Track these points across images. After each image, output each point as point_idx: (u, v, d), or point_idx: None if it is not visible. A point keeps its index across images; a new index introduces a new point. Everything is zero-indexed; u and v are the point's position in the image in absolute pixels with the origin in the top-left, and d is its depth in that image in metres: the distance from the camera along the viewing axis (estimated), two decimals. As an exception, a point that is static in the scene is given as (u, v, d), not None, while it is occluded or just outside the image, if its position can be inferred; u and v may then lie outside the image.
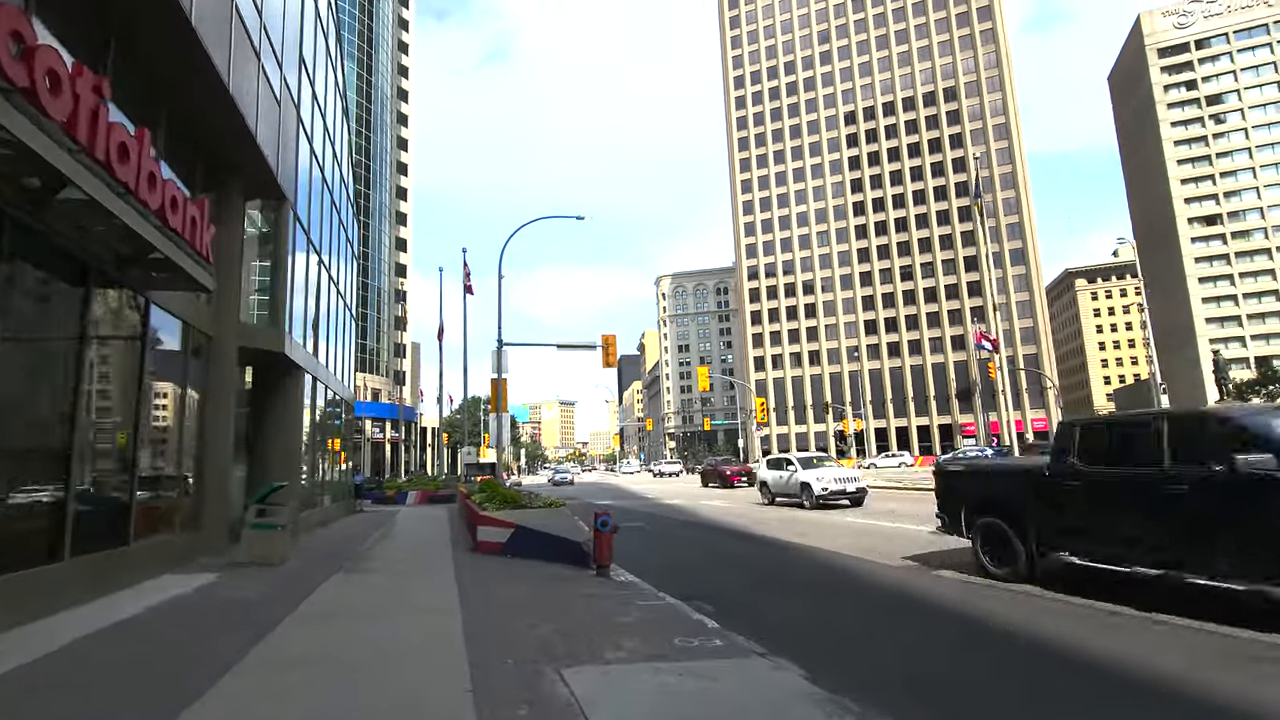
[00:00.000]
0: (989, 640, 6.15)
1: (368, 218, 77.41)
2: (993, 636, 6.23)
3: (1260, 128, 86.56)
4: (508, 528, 11.72)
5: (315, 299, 17.03)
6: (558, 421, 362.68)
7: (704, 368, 39.13)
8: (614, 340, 26.35)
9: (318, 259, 17.10)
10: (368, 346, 77.19)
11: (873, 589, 8.63)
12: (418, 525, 18.69)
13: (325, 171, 17.84)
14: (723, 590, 8.77)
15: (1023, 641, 5.96)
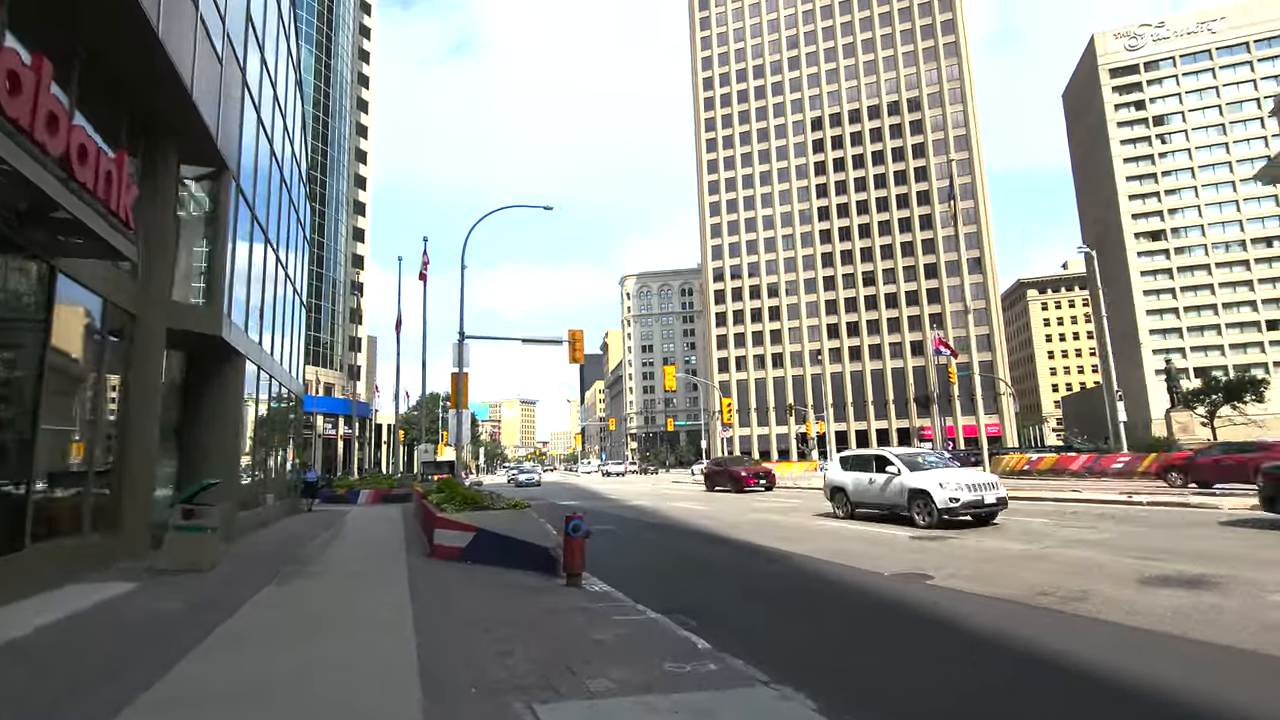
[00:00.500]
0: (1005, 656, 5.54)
1: (324, 205, 74.71)
2: (1011, 653, 5.62)
3: (1202, 149, 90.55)
4: (468, 531, 10.76)
5: (261, 282, 15.73)
6: (518, 420, 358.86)
7: (670, 367, 38.52)
8: (580, 335, 25.44)
9: (264, 238, 15.79)
10: (321, 339, 74.45)
11: (869, 601, 8.00)
12: (369, 526, 17.50)
13: (275, 145, 16.53)
14: (707, 602, 8.02)
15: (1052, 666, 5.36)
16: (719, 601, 8.24)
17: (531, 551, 9.89)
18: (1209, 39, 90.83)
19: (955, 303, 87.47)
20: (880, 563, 9.95)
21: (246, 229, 14.37)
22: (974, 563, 9.61)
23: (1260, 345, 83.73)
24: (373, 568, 10.31)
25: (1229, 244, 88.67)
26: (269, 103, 15.93)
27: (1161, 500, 15.43)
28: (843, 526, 14.64)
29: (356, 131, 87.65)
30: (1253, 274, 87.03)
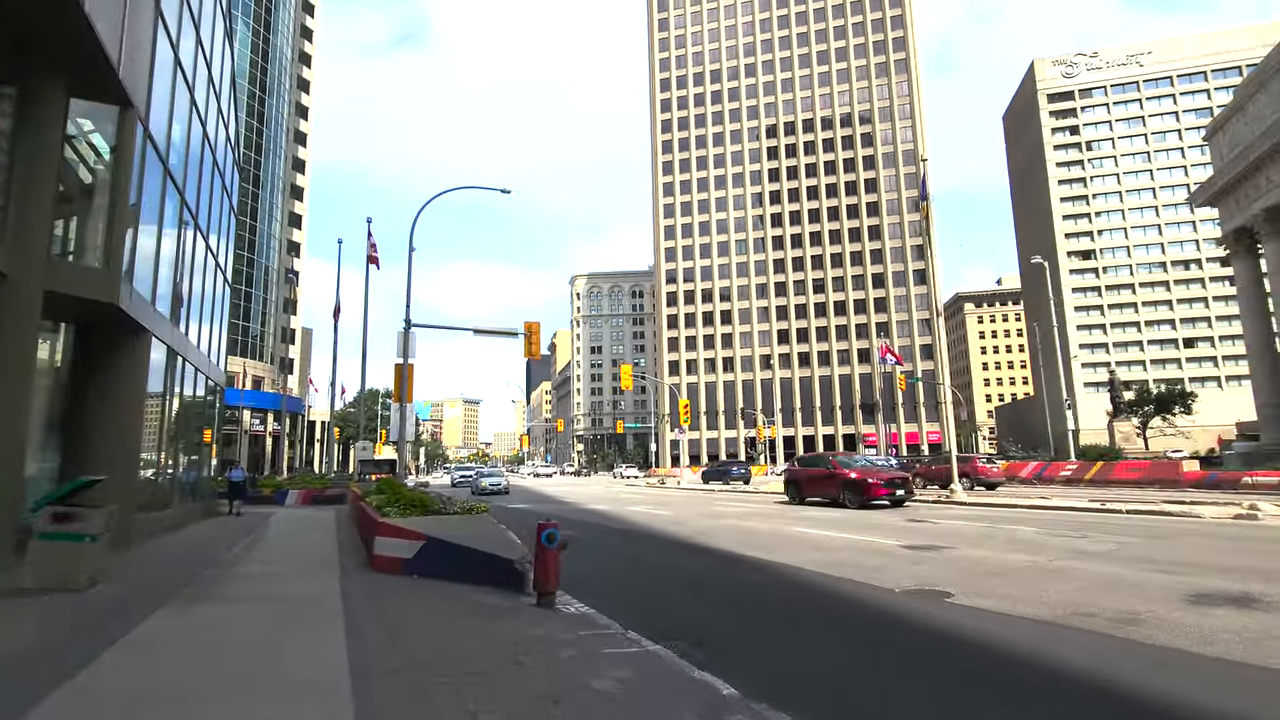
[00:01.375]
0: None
1: (258, 188, 70.39)
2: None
3: (1129, 174, 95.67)
4: (415, 539, 9.20)
5: (177, 251, 13.64)
6: (460, 420, 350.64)
7: (627, 366, 37.28)
8: (537, 328, 23.91)
9: (180, 199, 13.71)
10: (251, 329, 70.01)
11: (892, 623, 6.90)
12: (297, 531, 15.54)
13: (195, 95, 14.43)
14: (704, 625, 6.79)
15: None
16: (717, 624, 7.02)
17: (493, 565, 8.43)
18: (1138, 71, 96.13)
19: (900, 312, 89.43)
20: (880, 576, 8.92)
21: (158, 185, 12.34)
22: (986, 577, 8.69)
23: (1178, 362, 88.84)
24: (299, 586, 8.62)
25: (1151, 265, 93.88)
26: (191, 46, 13.88)
27: (1141, 509, 15.10)
28: (822, 535, 13.66)
29: (296, 112, 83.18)
30: (1172, 294, 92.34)
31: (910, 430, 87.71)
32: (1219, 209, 42.57)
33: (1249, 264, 40.73)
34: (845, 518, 16.87)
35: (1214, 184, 41.60)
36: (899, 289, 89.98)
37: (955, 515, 16.50)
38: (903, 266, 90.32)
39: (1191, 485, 27.16)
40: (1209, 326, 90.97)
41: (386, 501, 11.26)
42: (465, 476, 52.64)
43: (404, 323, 21.51)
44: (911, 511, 18.26)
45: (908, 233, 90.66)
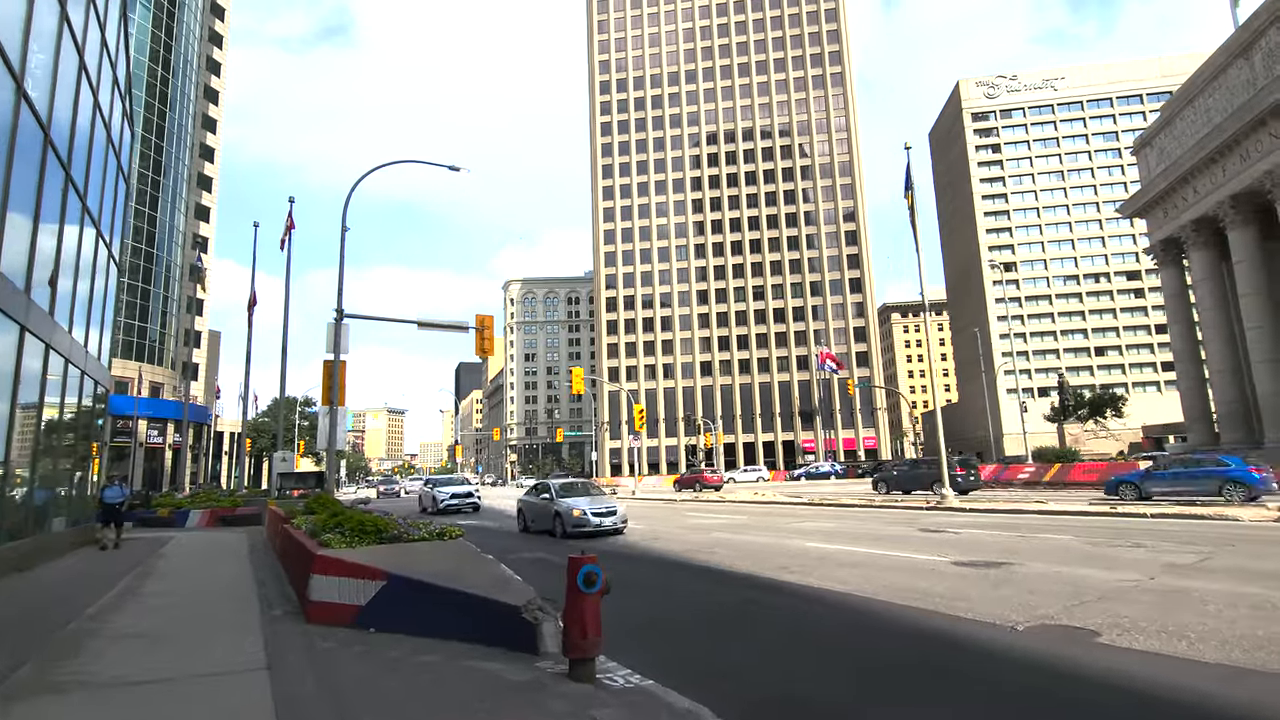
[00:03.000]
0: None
1: (159, 174, 63.90)
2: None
3: (1045, 192, 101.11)
4: (372, 579, 6.71)
5: (37, 202, 10.49)
6: (384, 431, 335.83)
7: (579, 369, 34.90)
8: (490, 322, 21.31)
9: (46, 140, 10.59)
10: (150, 331, 63.30)
11: (1053, 684, 5.07)
12: (198, 564, 12.45)
13: (70, 9, 11.32)
14: (825, 700, 4.74)
15: None
16: (833, 692, 4.96)
17: (487, 613, 6.08)
18: (1052, 95, 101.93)
19: (837, 320, 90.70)
20: (970, 605, 7.16)
21: (8, 113, 9.29)
22: (1101, 604, 7.05)
23: (1090, 369, 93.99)
24: (199, 658, 5.96)
25: (1065, 278, 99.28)
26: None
27: (1166, 513, 14.11)
28: (840, 550, 11.85)
29: (205, 95, 76.47)
30: (1084, 305, 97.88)
31: (847, 436, 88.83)
32: (1148, 220, 44.42)
33: (1176, 273, 42.60)
34: (846, 529, 15.20)
35: (1143, 196, 43.36)
36: (835, 296, 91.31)
37: (967, 523, 15.15)
38: (839, 275, 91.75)
39: (1149, 486, 27.32)
40: (1117, 336, 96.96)
41: (324, 525, 8.63)
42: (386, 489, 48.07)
43: (335, 313, 18.55)
44: (911, 518, 16.85)
45: (843, 242, 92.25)
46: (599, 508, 15.91)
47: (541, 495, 17.68)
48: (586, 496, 16.99)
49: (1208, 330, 39.54)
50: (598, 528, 15.57)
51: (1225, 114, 35.68)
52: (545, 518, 16.78)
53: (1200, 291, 39.81)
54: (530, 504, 18.08)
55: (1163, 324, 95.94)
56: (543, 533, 16.84)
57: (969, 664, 5.51)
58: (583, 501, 16.19)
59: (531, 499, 18.21)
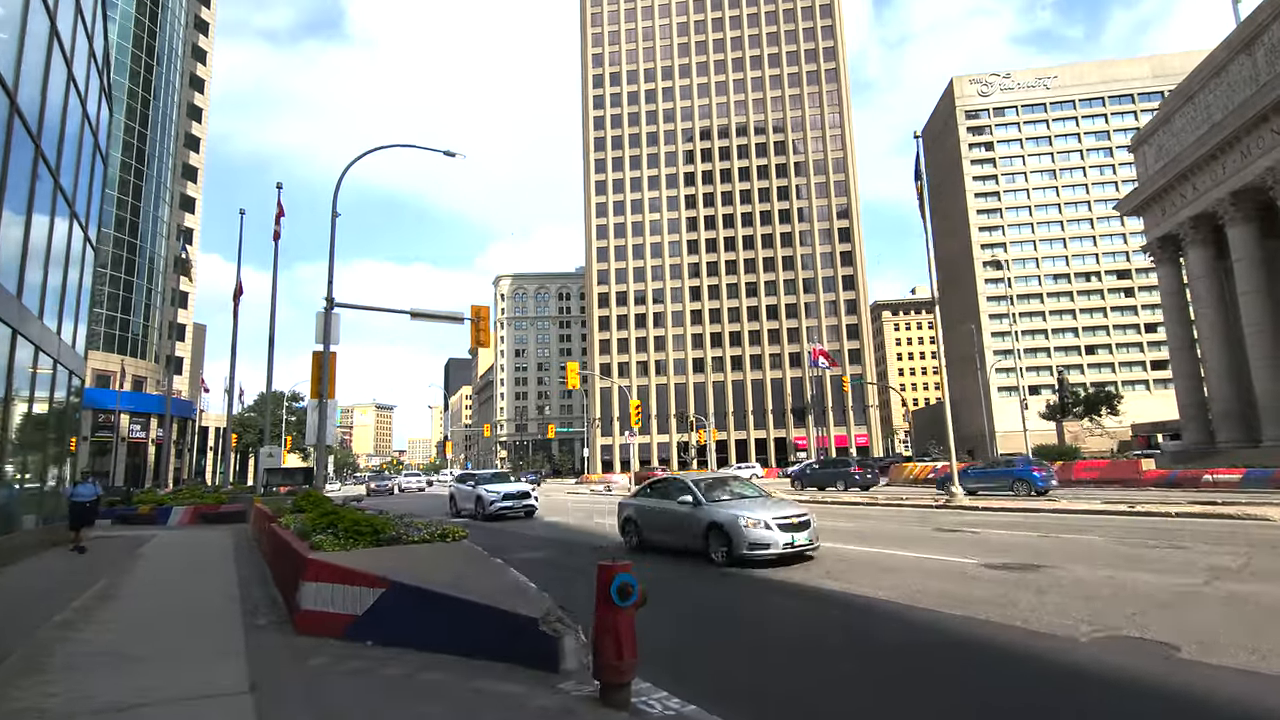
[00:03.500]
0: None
1: (143, 164, 62.49)
2: None
3: (1038, 190, 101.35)
4: (369, 586, 6.05)
5: (2, 175, 9.69)
6: (372, 428, 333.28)
7: (574, 364, 34.27)
8: (486, 313, 20.63)
9: (9, 104, 9.78)
10: (133, 323, 61.95)
11: (1140, 704, 4.52)
12: (179, 567, 11.71)
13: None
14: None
15: None
16: None
17: (499, 625, 5.44)
18: (1045, 93, 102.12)
19: (829, 317, 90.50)
20: (1023, 614, 6.62)
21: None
22: (1161, 612, 6.54)
23: (1080, 368, 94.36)
24: (176, 678, 5.28)
25: (1057, 276, 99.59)
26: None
27: (1189, 512, 13.68)
28: (859, 551, 11.29)
29: (191, 84, 74.97)
30: (1075, 304, 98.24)
31: (839, 433, 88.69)
32: (1145, 218, 44.25)
33: (1173, 271, 42.44)
34: (865, 530, 14.66)
35: (1141, 193, 43.17)
36: (828, 294, 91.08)
37: (981, 522, 14.65)
38: (832, 271, 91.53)
39: (1152, 484, 27.08)
40: (1107, 335, 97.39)
41: (313, 524, 7.94)
42: (379, 485, 45.30)
43: (325, 302, 17.79)
44: (923, 517, 16.35)
45: (836, 239, 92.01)
46: (786, 516, 10.16)
47: (681, 499, 11.18)
48: (743, 500, 11.06)
49: (1204, 328, 39.41)
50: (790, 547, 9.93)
51: (1225, 110, 35.46)
52: (671, 527, 11.38)
53: (1197, 289, 39.67)
54: (650, 508, 12.15)
55: (1152, 323, 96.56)
56: (680, 552, 11.31)
57: (1039, 680, 4.94)
58: (757, 510, 10.28)
59: (650, 501, 12.28)
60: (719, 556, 10.19)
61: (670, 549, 11.44)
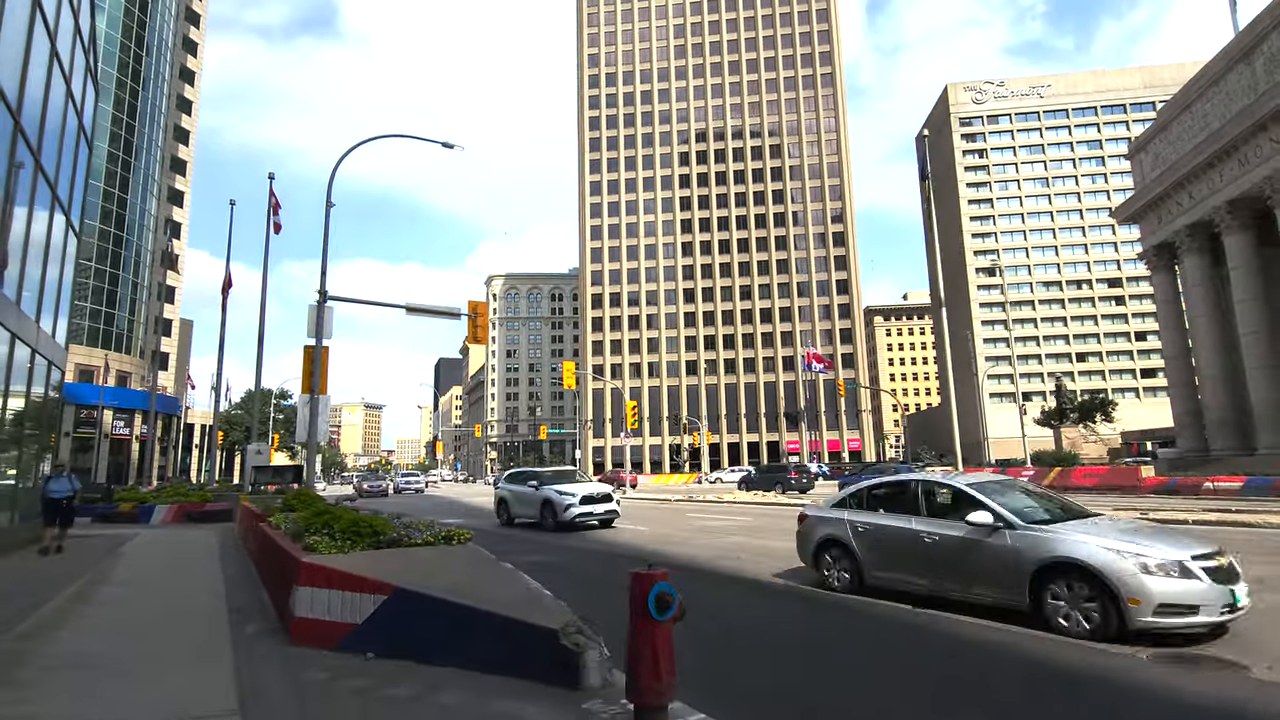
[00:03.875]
0: None
1: (131, 156, 61.46)
2: None
3: (1030, 198, 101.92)
4: (372, 592, 5.56)
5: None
6: (360, 427, 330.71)
7: (570, 364, 33.79)
8: (485, 309, 20.15)
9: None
10: (118, 318, 60.91)
11: None
12: (162, 568, 11.13)
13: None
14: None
15: None
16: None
17: (515, 636, 4.98)
18: (1038, 102, 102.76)
19: (823, 321, 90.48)
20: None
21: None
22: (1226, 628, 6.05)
23: (1071, 375, 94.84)
24: (149, 700, 4.77)
25: (1048, 284, 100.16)
26: None
27: (1206, 519, 13.38)
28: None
29: (181, 76, 74.00)
30: (1066, 312, 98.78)
31: (832, 438, 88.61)
32: (1141, 225, 44.31)
33: (1168, 279, 42.51)
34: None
35: (1137, 200, 43.23)
36: (822, 298, 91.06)
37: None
38: (826, 275, 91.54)
39: (1152, 491, 26.95)
40: (1098, 342, 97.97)
41: (307, 524, 7.43)
42: (371, 486, 43.06)
43: (318, 294, 17.22)
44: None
45: (830, 243, 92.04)
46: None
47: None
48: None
49: (1199, 336, 39.46)
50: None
51: (1223, 119, 35.54)
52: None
53: (1193, 297, 39.73)
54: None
55: (1142, 331, 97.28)
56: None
57: (1119, 699, 4.52)
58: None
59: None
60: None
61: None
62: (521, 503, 18.54)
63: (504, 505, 19.51)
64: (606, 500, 17.16)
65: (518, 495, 18.87)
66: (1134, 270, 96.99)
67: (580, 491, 17.00)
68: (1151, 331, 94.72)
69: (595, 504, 16.87)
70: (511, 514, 19.02)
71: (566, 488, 17.36)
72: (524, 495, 18.47)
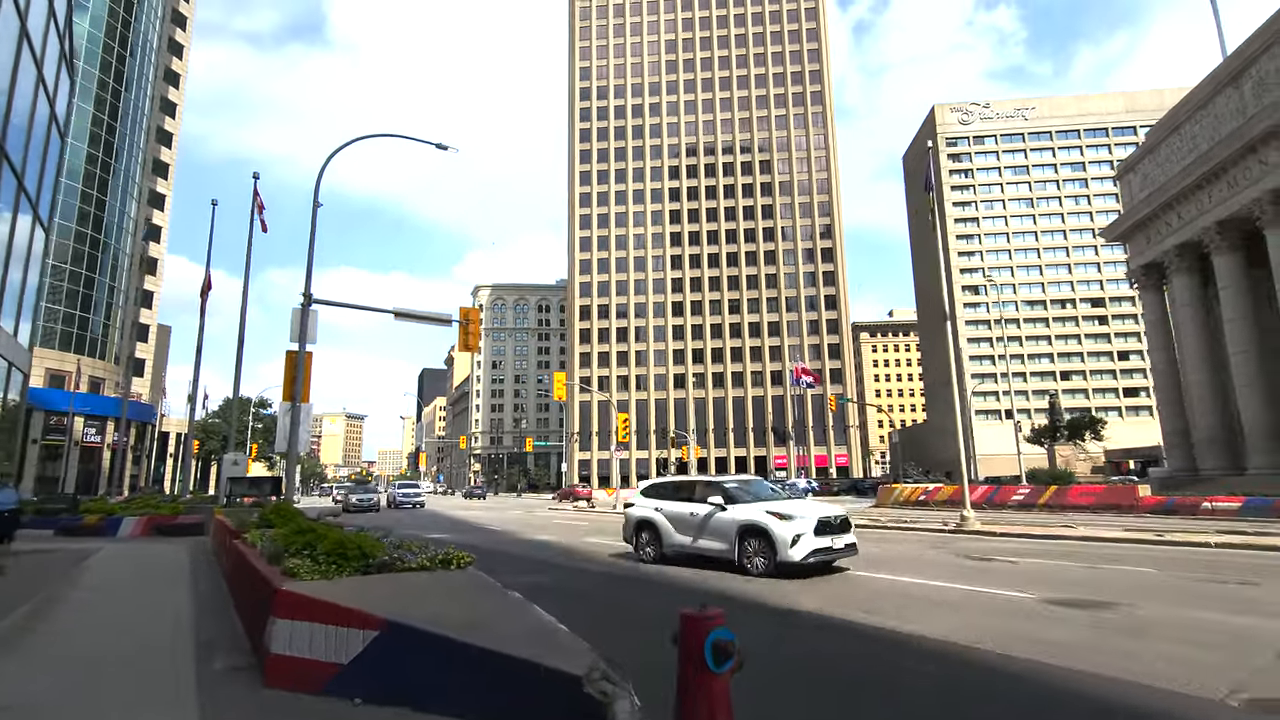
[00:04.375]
0: None
1: (111, 157, 60.11)
2: None
3: (1015, 218, 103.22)
4: (361, 626, 4.84)
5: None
6: (341, 437, 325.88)
7: (561, 374, 33.09)
8: (477, 316, 19.44)
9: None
10: (93, 322, 59.19)
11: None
12: (124, 588, 10.24)
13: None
14: None
15: None
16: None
17: (528, 684, 4.27)
18: (1023, 124, 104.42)
19: (811, 336, 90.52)
20: (1101, 661, 5.64)
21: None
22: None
23: (1055, 393, 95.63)
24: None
25: (1033, 303, 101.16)
26: None
27: (1232, 542, 12.94)
28: (903, 581, 10.27)
29: (165, 78, 72.87)
30: (1051, 331, 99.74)
31: (819, 453, 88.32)
32: (1129, 245, 44.62)
33: (1156, 298, 42.74)
34: (892, 556, 13.65)
35: (1126, 220, 43.54)
36: (810, 313, 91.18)
37: (1007, 550, 13.77)
38: (814, 291, 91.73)
39: (1150, 511, 26.67)
40: (1082, 361, 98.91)
41: (286, 543, 6.67)
42: (361, 499, 36.34)
43: (303, 297, 16.44)
44: (942, 542, 15.44)
45: (819, 259, 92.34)
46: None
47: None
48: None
49: (1187, 356, 39.58)
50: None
51: (1212, 142, 35.89)
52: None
53: (1181, 316, 39.92)
54: None
55: (1124, 351, 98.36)
56: None
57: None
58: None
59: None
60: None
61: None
62: (688, 528, 12.29)
63: (648, 531, 13.09)
64: (845, 528, 11.30)
65: (678, 517, 12.56)
66: (1117, 290, 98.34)
67: (812, 513, 11.03)
68: (1134, 351, 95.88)
69: (835, 533, 11.00)
70: (664, 543, 12.71)
71: (782, 506, 11.26)
72: (695, 518, 12.18)
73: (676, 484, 13.75)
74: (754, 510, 11.26)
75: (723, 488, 12.20)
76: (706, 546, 11.90)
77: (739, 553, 11.18)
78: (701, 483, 12.88)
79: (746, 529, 11.13)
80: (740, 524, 11.23)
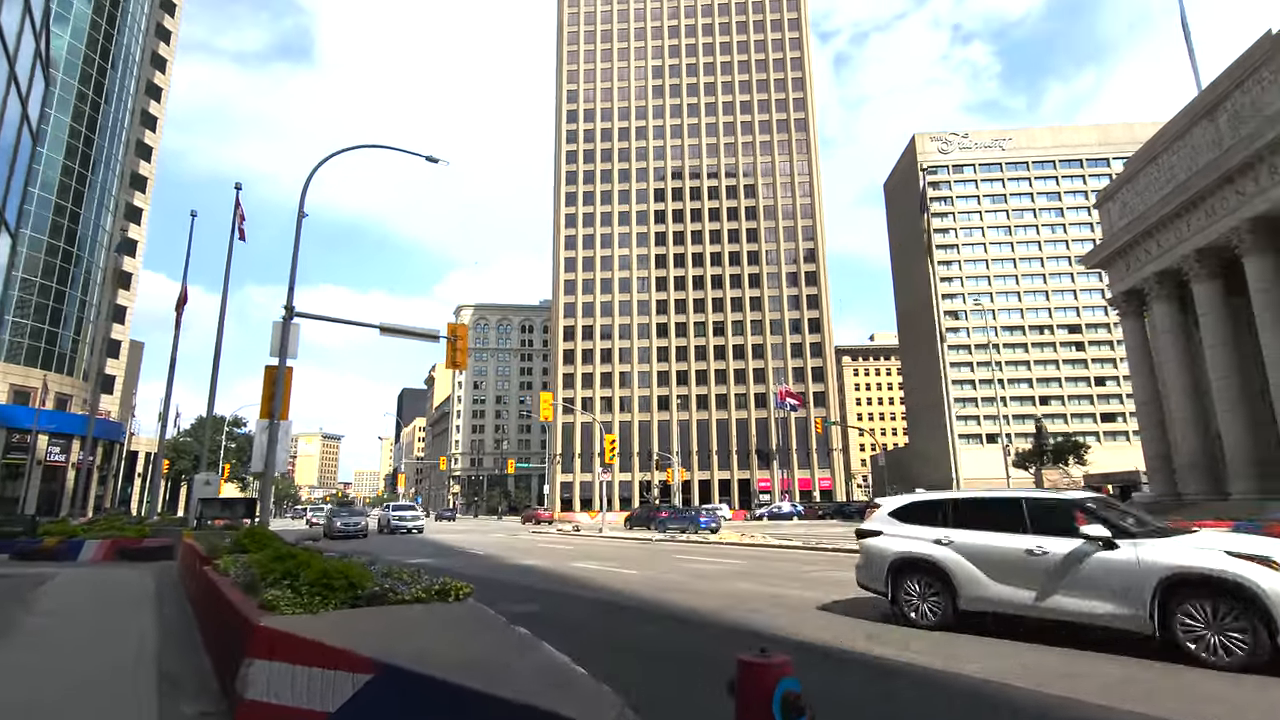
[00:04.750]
0: None
1: (87, 169, 58.98)
2: None
3: (994, 245, 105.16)
4: (351, 669, 4.27)
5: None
6: (317, 458, 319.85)
7: (547, 394, 32.48)
8: (465, 332, 18.90)
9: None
10: (62, 337, 57.49)
11: None
12: (81, 618, 9.45)
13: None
14: None
15: None
16: None
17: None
18: (1000, 154, 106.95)
19: (795, 359, 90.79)
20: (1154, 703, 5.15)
21: None
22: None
23: (1034, 418, 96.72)
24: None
25: (1012, 329, 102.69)
26: None
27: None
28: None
29: (147, 91, 72.07)
30: (1030, 356, 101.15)
31: (803, 476, 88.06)
32: (1109, 272, 45.33)
33: (1137, 324, 43.37)
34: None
35: (1105, 248, 44.30)
36: (794, 335, 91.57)
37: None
38: (798, 314, 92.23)
39: (1139, 536, 26.58)
40: (1060, 387, 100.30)
41: (264, 572, 6.06)
42: (347, 524, 31.73)
43: (285, 309, 15.82)
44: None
45: (803, 282, 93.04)
46: None
47: None
48: None
49: (1169, 381, 40.05)
50: None
51: (1189, 172, 36.69)
52: None
53: (1162, 343, 40.46)
54: None
55: (1101, 377, 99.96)
56: None
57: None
58: None
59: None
60: None
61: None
62: (1020, 575, 7.70)
63: (925, 577, 8.43)
64: None
65: (995, 556, 7.95)
66: (1093, 318, 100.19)
67: None
68: (1111, 377, 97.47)
69: None
70: (962, 595, 8.09)
71: (1253, 544, 6.72)
72: (1039, 559, 7.56)
73: (976, 501, 8.72)
74: (1191, 552, 6.70)
75: (1098, 513, 7.52)
76: (1071, 608, 7.24)
77: (1160, 623, 6.65)
78: (1034, 501, 8.16)
79: (1182, 582, 6.59)
80: (1167, 573, 6.66)
